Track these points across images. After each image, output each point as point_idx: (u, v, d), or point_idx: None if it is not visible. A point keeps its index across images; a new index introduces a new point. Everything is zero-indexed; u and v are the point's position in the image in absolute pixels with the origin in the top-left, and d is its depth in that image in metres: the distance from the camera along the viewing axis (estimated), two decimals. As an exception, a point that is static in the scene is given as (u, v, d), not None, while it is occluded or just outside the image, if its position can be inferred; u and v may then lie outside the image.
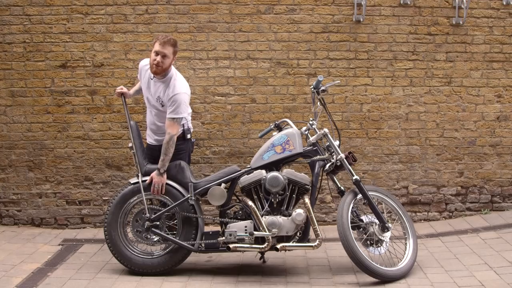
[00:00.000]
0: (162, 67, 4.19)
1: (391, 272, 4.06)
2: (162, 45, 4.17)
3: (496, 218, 5.34)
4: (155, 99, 4.32)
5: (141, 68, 4.45)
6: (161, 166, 4.23)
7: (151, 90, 4.34)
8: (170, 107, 4.20)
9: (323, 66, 5.37)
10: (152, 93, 4.33)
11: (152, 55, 4.19)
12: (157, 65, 4.17)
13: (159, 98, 4.29)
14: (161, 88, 4.28)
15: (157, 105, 4.33)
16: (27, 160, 5.40)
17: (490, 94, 5.45)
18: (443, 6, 5.35)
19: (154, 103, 4.34)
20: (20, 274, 4.25)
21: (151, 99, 4.36)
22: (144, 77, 4.40)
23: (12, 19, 5.27)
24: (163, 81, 4.28)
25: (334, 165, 4.21)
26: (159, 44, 4.18)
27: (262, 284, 4.11)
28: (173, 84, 4.24)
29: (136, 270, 4.29)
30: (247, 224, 4.17)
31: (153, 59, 4.17)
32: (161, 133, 4.40)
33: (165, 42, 4.18)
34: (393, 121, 5.44)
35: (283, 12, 5.32)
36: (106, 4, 5.26)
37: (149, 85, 4.35)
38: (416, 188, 5.51)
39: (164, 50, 4.17)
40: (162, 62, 4.16)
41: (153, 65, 4.20)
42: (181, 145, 4.39)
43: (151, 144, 4.53)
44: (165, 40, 4.19)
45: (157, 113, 4.38)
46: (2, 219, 5.47)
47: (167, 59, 4.19)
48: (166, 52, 4.17)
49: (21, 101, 5.35)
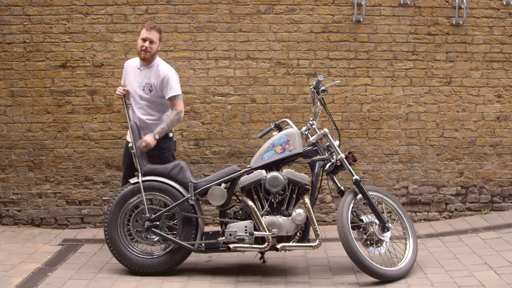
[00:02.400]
0: (150, 52, 4.38)
1: (391, 272, 4.06)
2: (149, 31, 4.38)
3: (496, 218, 5.34)
4: (142, 88, 4.43)
5: (127, 65, 4.59)
6: (158, 133, 4.33)
7: (138, 80, 4.45)
8: (166, 87, 4.38)
9: (323, 66, 5.37)
10: (139, 83, 4.45)
11: (140, 42, 4.39)
12: (145, 51, 4.37)
13: (147, 84, 4.42)
14: (149, 74, 4.43)
15: (145, 94, 4.43)
16: (27, 160, 5.41)
17: (490, 94, 5.45)
18: (443, 6, 5.35)
19: (141, 92, 4.43)
20: (20, 274, 4.24)
21: (138, 90, 4.44)
22: (130, 72, 4.53)
23: (12, 19, 5.27)
24: (150, 67, 4.44)
25: (334, 165, 4.21)
26: (146, 30, 4.39)
27: (262, 284, 4.11)
28: (161, 67, 4.44)
29: (136, 270, 4.29)
30: (247, 224, 4.17)
31: (141, 46, 4.37)
32: (148, 131, 4.41)
33: (151, 28, 4.40)
34: (393, 121, 5.44)
35: (283, 12, 5.32)
36: (106, 4, 5.26)
37: (136, 77, 4.47)
38: (416, 188, 5.51)
39: (151, 36, 4.37)
40: (150, 47, 4.36)
41: (141, 52, 4.38)
42: (165, 144, 4.48)
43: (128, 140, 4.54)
44: (151, 26, 4.43)
45: (145, 104, 4.44)
46: (2, 219, 5.47)
47: (154, 44, 4.39)
48: (152, 38, 4.37)
49: (21, 101, 5.35)
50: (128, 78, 4.54)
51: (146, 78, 4.43)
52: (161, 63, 4.49)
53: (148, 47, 4.35)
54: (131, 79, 4.51)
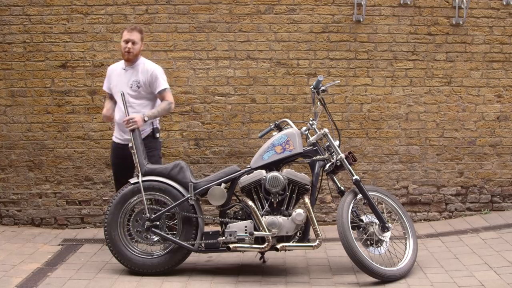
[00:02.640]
0: (133, 52, 4.50)
1: (391, 272, 4.06)
2: (130, 32, 4.49)
3: (496, 218, 5.34)
4: (130, 85, 4.52)
5: (111, 70, 4.69)
6: (148, 116, 4.41)
7: (124, 80, 4.54)
8: (155, 82, 4.51)
9: (323, 66, 5.37)
10: (126, 81, 4.54)
11: (122, 44, 4.50)
12: (128, 52, 4.48)
13: (134, 81, 4.52)
14: (135, 72, 4.53)
15: (133, 91, 4.52)
16: (27, 160, 5.41)
17: (490, 94, 5.45)
18: (443, 6, 5.35)
19: (129, 90, 4.52)
20: (20, 274, 4.24)
21: (125, 88, 4.51)
22: (115, 75, 4.62)
23: (12, 19, 5.27)
24: (135, 67, 4.55)
25: (334, 165, 4.21)
26: (127, 32, 4.50)
27: (262, 284, 4.11)
28: (147, 65, 4.57)
29: (136, 270, 4.29)
30: (247, 224, 4.17)
31: (124, 47, 4.48)
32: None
33: (132, 29, 4.51)
34: (393, 121, 5.44)
35: (283, 12, 5.32)
36: (106, 4, 5.26)
37: (121, 77, 4.56)
38: (416, 188, 5.51)
39: (133, 37, 4.47)
40: (132, 48, 4.47)
41: (125, 53, 4.50)
42: (151, 143, 4.57)
43: (120, 143, 4.63)
44: (132, 27, 4.56)
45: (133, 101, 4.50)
46: (2, 219, 5.47)
47: (136, 44, 4.50)
48: (134, 39, 4.48)
49: (21, 101, 5.35)
50: (113, 81, 4.62)
51: (133, 76, 4.53)
52: (146, 61, 4.61)
53: (131, 48, 4.46)
54: (115, 81, 4.60)
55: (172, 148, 5.42)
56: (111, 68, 4.71)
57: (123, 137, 4.60)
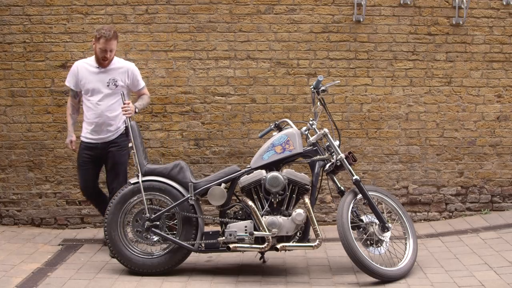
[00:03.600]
0: (110, 59, 4.51)
1: (391, 272, 4.06)
2: (109, 41, 4.42)
3: (496, 218, 5.34)
4: (107, 84, 4.52)
5: (80, 67, 4.56)
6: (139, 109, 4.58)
7: (100, 79, 4.51)
8: (136, 81, 4.63)
9: (323, 66, 5.37)
10: (102, 81, 4.51)
11: (99, 51, 4.43)
12: (105, 60, 4.47)
13: (111, 80, 4.52)
14: (111, 71, 4.53)
15: (110, 89, 4.52)
16: (27, 160, 5.41)
17: (490, 94, 5.45)
18: (443, 6, 5.35)
19: (106, 89, 4.50)
20: (20, 274, 4.24)
21: (102, 87, 4.51)
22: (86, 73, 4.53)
23: (12, 19, 5.27)
24: (109, 66, 4.53)
25: (334, 165, 4.21)
26: (106, 41, 4.41)
27: (262, 284, 4.11)
28: (122, 63, 4.62)
29: (136, 270, 4.29)
30: (247, 224, 4.17)
31: (103, 57, 4.44)
32: (107, 126, 4.51)
33: (110, 39, 4.42)
34: (393, 121, 5.44)
35: (283, 12, 5.32)
36: (106, 4, 5.26)
37: (96, 76, 4.52)
38: (416, 188, 5.51)
39: (112, 46, 4.45)
40: (110, 55, 4.47)
41: (102, 61, 4.48)
42: (120, 138, 4.60)
43: (93, 142, 4.58)
44: (110, 36, 4.42)
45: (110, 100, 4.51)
46: (2, 219, 5.47)
47: (113, 52, 4.51)
48: (113, 47, 4.47)
49: (21, 101, 5.35)
50: (84, 78, 4.53)
51: (109, 75, 4.52)
52: (120, 60, 4.65)
53: (110, 56, 4.47)
54: (89, 79, 4.52)
55: (172, 148, 5.42)
56: (81, 65, 4.57)
57: (97, 135, 4.55)
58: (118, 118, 4.56)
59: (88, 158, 4.61)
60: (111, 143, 4.58)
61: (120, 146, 4.60)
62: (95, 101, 4.51)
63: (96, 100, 4.51)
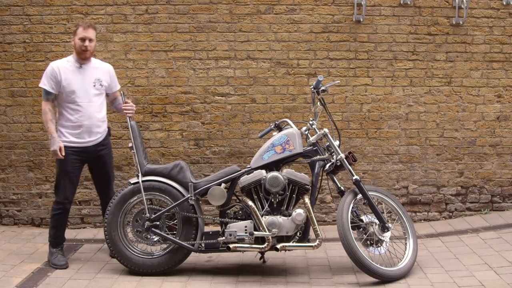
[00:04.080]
0: (91, 50, 4.34)
1: (391, 272, 4.06)
2: (86, 30, 4.29)
3: (496, 218, 5.35)
4: (93, 84, 4.38)
5: (59, 67, 4.31)
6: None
7: (85, 78, 4.34)
8: (114, 80, 4.56)
9: (323, 66, 5.37)
10: (87, 80, 4.35)
11: (79, 42, 4.28)
12: (86, 50, 4.29)
13: (97, 80, 4.39)
14: (94, 70, 4.41)
15: (97, 90, 4.40)
16: (27, 160, 5.41)
17: (490, 94, 5.45)
18: (443, 6, 5.35)
19: (93, 89, 4.37)
20: (20, 274, 4.24)
21: (89, 87, 4.35)
22: (69, 73, 4.31)
23: (12, 19, 5.27)
24: (90, 64, 4.41)
25: (334, 165, 4.21)
26: (83, 30, 4.29)
27: (262, 284, 4.11)
28: (101, 63, 4.53)
29: (136, 270, 4.29)
30: (247, 224, 4.17)
31: (82, 46, 4.28)
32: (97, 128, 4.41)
33: (87, 27, 4.31)
34: (393, 121, 5.44)
35: (283, 12, 5.32)
36: (106, 4, 5.26)
37: (79, 75, 4.33)
38: (416, 188, 5.51)
39: (89, 35, 4.30)
40: (90, 45, 4.30)
41: (82, 52, 4.30)
42: (107, 142, 4.55)
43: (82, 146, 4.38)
44: (87, 24, 4.33)
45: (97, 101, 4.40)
46: (2, 219, 5.47)
47: (92, 42, 4.34)
48: (91, 36, 4.31)
49: (21, 101, 5.35)
50: (68, 79, 4.28)
51: (93, 74, 4.39)
52: (97, 60, 4.56)
53: (89, 46, 4.29)
54: (72, 79, 4.30)
55: (172, 148, 5.42)
56: (61, 65, 4.32)
57: (86, 137, 4.37)
58: (105, 118, 4.50)
59: (78, 163, 4.41)
60: (99, 145, 4.45)
61: (108, 148, 4.56)
62: (83, 103, 4.32)
63: (85, 101, 4.33)
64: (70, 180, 4.41)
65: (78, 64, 4.36)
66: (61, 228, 4.51)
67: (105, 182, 4.60)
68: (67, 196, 4.42)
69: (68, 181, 4.40)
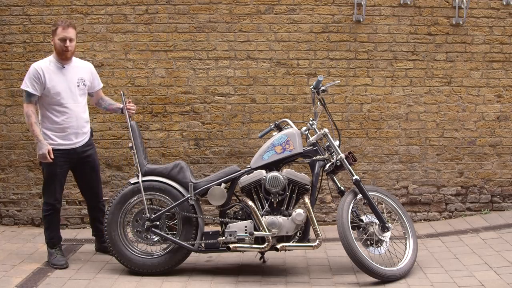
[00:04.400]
0: (72, 50, 4.26)
1: (391, 272, 4.06)
2: (66, 29, 4.20)
3: (496, 218, 5.35)
4: (77, 84, 4.32)
5: (42, 68, 4.23)
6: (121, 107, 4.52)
7: (68, 78, 4.28)
8: (96, 79, 4.51)
9: (323, 66, 5.37)
10: (71, 80, 4.29)
11: (59, 42, 4.19)
12: (67, 50, 4.22)
13: (80, 80, 4.34)
14: (77, 70, 4.36)
15: (81, 89, 4.35)
16: (27, 160, 5.41)
17: (490, 94, 5.45)
18: (443, 6, 5.35)
19: (77, 90, 4.31)
20: (20, 274, 4.24)
21: (73, 87, 4.29)
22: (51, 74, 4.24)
23: (12, 19, 5.27)
24: (72, 64, 4.35)
25: (334, 165, 4.21)
26: (63, 29, 4.20)
27: (262, 284, 4.11)
28: (82, 62, 4.49)
29: (136, 270, 4.29)
30: (247, 224, 4.17)
31: (63, 46, 4.19)
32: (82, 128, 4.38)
33: (67, 26, 4.22)
34: (393, 121, 5.44)
35: (283, 12, 5.32)
36: (106, 4, 5.26)
37: (63, 76, 4.27)
38: (416, 188, 5.51)
39: (70, 34, 4.21)
40: (70, 45, 4.22)
41: (64, 52, 4.22)
42: (90, 141, 4.53)
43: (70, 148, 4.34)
44: (67, 24, 4.23)
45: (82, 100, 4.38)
46: (2, 219, 5.47)
47: (73, 42, 4.26)
48: (71, 36, 4.22)
49: (21, 101, 5.32)
50: (52, 80, 4.21)
51: (77, 74, 4.34)
52: (78, 59, 4.49)
53: (70, 46, 4.20)
54: (56, 80, 4.23)
55: (172, 148, 5.42)
56: (44, 66, 4.23)
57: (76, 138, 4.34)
58: (88, 119, 4.49)
59: (66, 164, 4.36)
60: (86, 145, 4.42)
61: (94, 148, 4.56)
62: (69, 104, 4.26)
63: (70, 102, 4.27)
64: (60, 183, 4.40)
65: (60, 64, 4.28)
66: (55, 228, 4.51)
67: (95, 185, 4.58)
68: (57, 197, 4.42)
69: (58, 184, 4.38)
